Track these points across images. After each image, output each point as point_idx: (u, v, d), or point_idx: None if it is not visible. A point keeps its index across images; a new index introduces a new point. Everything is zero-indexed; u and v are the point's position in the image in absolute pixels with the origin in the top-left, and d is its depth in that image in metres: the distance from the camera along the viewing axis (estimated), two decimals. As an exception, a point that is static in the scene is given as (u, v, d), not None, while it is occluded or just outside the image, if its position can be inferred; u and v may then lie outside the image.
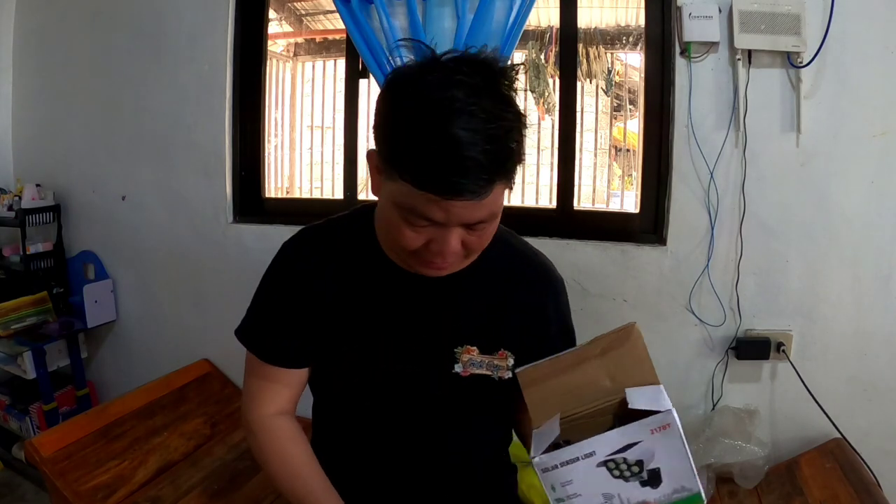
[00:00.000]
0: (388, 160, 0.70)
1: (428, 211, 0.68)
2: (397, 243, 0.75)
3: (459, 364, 0.86)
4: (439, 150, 0.64)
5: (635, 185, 1.90)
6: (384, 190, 0.74)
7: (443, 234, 0.71)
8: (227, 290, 1.96)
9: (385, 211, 0.75)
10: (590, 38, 2.12)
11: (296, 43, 2.72)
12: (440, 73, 0.67)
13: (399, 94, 0.70)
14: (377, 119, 0.73)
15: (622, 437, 0.63)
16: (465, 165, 0.64)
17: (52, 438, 1.45)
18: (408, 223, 0.71)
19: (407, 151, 0.66)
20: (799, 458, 1.46)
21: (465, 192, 0.65)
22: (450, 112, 0.64)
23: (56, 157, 2.21)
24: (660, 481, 0.64)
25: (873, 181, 1.43)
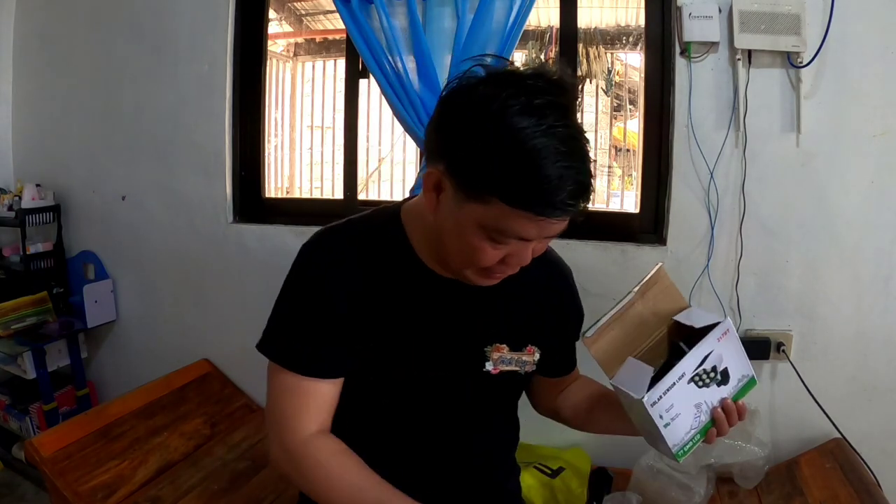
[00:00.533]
0: (478, 185, 0.69)
1: (523, 231, 0.70)
2: (470, 262, 0.76)
3: (490, 362, 0.88)
4: (551, 177, 0.65)
5: (635, 185, 1.91)
6: (456, 211, 0.73)
7: (523, 249, 0.74)
8: (227, 290, 1.97)
9: (459, 232, 0.74)
10: (590, 38, 2.12)
11: (296, 43, 2.73)
12: (524, 95, 0.67)
13: (486, 119, 0.68)
14: (450, 142, 0.72)
15: (700, 351, 0.76)
16: (575, 188, 0.67)
17: (52, 438, 1.45)
18: (492, 241, 0.72)
19: (512, 179, 0.66)
20: (799, 458, 1.46)
21: (568, 212, 0.69)
22: (552, 138, 0.66)
23: (56, 157, 2.21)
24: (728, 378, 0.79)
25: (873, 181, 1.43)
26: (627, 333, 0.81)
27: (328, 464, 0.81)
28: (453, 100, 0.73)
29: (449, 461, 0.91)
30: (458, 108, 0.72)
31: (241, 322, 1.96)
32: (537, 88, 0.68)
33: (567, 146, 0.66)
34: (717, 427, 0.78)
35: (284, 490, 1.48)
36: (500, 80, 0.70)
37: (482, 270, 0.77)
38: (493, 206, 0.68)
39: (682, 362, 0.75)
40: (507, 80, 0.69)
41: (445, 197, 0.74)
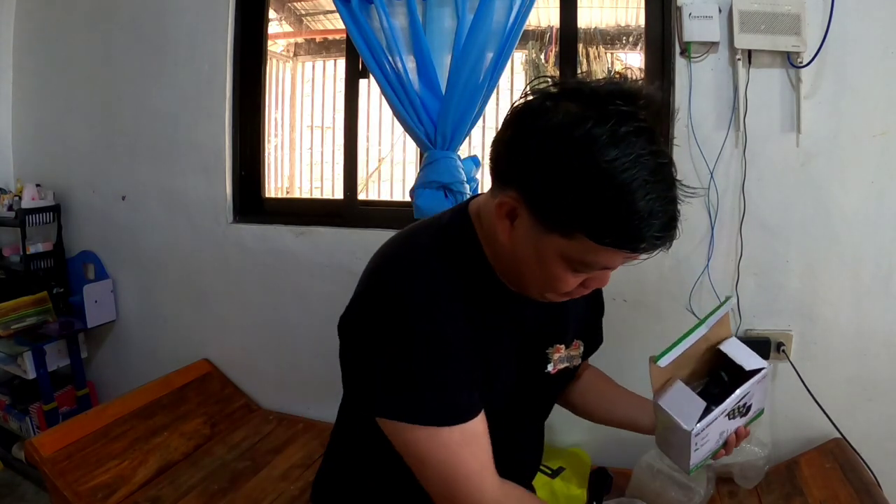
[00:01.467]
0: (561, 220, 0.65)
1: (610, 262, 0.70)
2: (552, 289, 0.75)
3: (551, 364, 0.90)
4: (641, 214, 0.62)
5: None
6: (536, 242, 0.69)
7: (604, 275, 0.75)
8: (227, 290, 1.97)
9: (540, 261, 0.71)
10: (590, 38, 2.12)
11: (296, 43, 2.73)
12: (609, 122, 0.62)
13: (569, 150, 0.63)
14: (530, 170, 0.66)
15: (741, 393, 0.83)
16: (665, 222, 0.64)
17: (52, 438, 1.45)
18: (575, 272, 0.71)
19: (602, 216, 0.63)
20: (799, 458, 1.46)
21: (660, 244, 0.67)
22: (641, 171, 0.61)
23: (56, 157, 2.21)
24: (749, 411, 0.87)
25: (873, 181, 1.43)
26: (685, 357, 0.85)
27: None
28: (526, 121, 0.67)
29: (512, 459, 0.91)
30: (533, 133, 0.66)
31: (241, 322, 1.96)
32: (622, 114, 0.63)
33: (655, 176, 0.62)
34: (726, 449, 0.86)
35: (284, 490, 1.48)
36: (579, 101, 0.64)
37: (562, 294, 0.76)
38: (579, 241, 0.65)
39: (728, 400, 0.82)
40: (587, 103, 0.64)
41: (522, 225, 0.70)
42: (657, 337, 1.58)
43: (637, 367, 1.62)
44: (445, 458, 0.74)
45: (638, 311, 1.60)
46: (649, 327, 1.59)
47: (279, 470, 1.57)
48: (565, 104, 0.65)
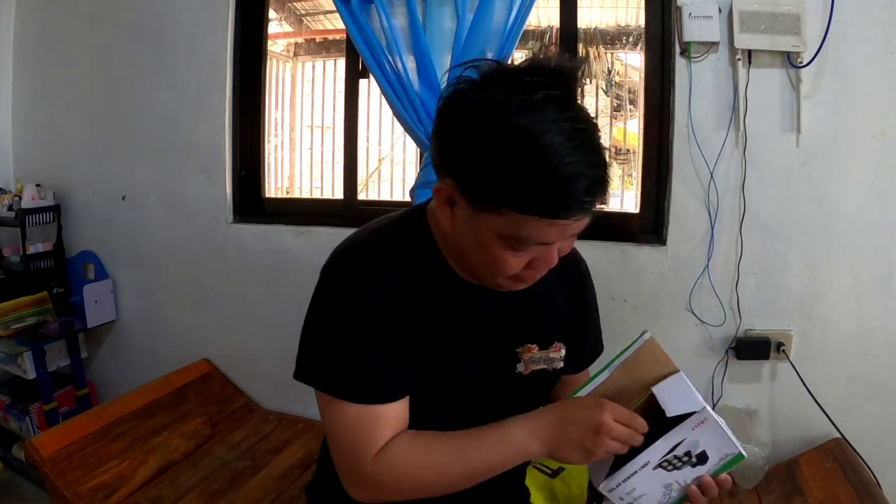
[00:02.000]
0: (489, 196, 0.66)
1: (544, 235, 0.67)
2: (494, 271, 0.73)
3: (521, 363, 0.88)
4: (559, 178, 0.62)
5: (635, 185, 1.90)
6: (472, 223, 0.70)
7: (549, 252, 0.71)
8: (227, 290, 1.97)
9: (479, 244, 0.71)
10: (590, 38, 2.12)
11: (296, 43, 2.73)
12: (521, 93, 0.63)
13: (485, 126, 0.64)
14: (455, 151, 0.68)
15: (667, 443, 0.71)
16: (587, 185, 0.63)
17: (52, 438, 1.45)
18: (514, 250, 0.70)
19: (520, 186, 0.63)
20: (799, 458, 1.46)
21: (587, 211, 0.66)
22: (554, 135, 0.62)
23: (56, 157, 2.21)
24: (707, 458, 0.72)
25: (873, 181, 1.43)
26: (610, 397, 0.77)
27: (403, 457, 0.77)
28: (449, 108, 0.70)
29: None
30: (454, 118, 0.69)
31: (241, 322, 1.96)
32: (534, 84, 0.64)
33: (573, 140, 0.62)
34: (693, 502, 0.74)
35: (284, 490, 1.48)
36: (495, 80, 0.66)
37: (511, 278, 0.75)
38: (508, 215, 0.65)
39: (644, 453, 0.71)
40: (501, 80, 0.66)
41: (459, 210, 0.71)
42: (657, 337, 1.59)
43: (637, 367, 1.63)
44: (343, 429, 0.78)
45: (638, 311, 1.60)
46: (649, 327, 1.59)
47: (279, 470, 1.57)
48: (482, 86, 0.67)
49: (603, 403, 0.74)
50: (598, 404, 0.74)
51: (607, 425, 0.71)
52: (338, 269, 0.79)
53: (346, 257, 0.80)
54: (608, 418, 0.72)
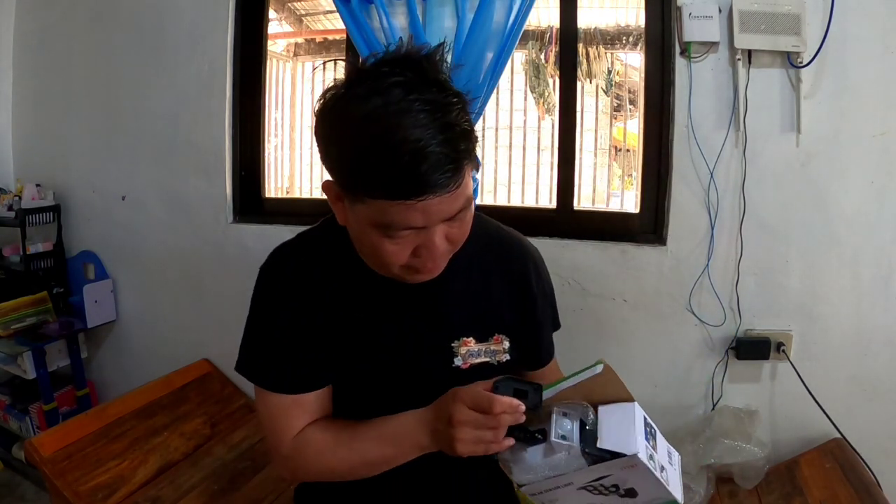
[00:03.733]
0: (350, 186, 0.68)
1: (407, 219, 0.66)
2: (384, 262, 0.73)
3: (459, 357, 0.87)
4: (399, 156, 0.62)
5: (635, 185, 1.90)
6: (353, 216, 0.72)
7: (428, 238, 0.70)
8: (227, 290, 1.96)
9: (361, 235, 0.73)
10: (590, 38, 2.11)
11: (296, 43, 2.72)
12: (367, 82, 0.65)
13: (337, 118, 0.67)
14: (323, 150, 0.71)
15: (593, 473, 0.67)
16: (430, 162, 0.62)
17: (52, 438, 1.45)
18: (390, 238, 0.69)
19: (367, 170, 0.64)
20: (799, 458, 1.46)
21: (437, 188, 0.64)
22: (394, 116, 0.62)
23: (56, 157, 2.21)
24: (637, 494, 0.68)
25: (873, 181, 1.43)
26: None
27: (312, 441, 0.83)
28: (316, 111, 0.71)
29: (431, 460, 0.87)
30: (317, 117, 0.71)
31: (241, 322, 1.95)
32: (383, 73, 0.65)
33: (418, 119, 0.62)
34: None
35: (284, 490, 1.48)
36: (349, 78, 0.68)
37: (406, 268, 0.74)
38: (371, 203, 0.66)
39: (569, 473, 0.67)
40: (353, 77, 0.67)
41: (346, 205, 0.73)
42: (657, 337, 1.60)
43: (637, 366, 1.63)
44: (265, 412, 0.86)
45: (638, 311, 1.60)
46: (649, 327, 1.59)
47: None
48: (336, 86, 0.69)
49: (456, 392, 0.72)
50: (452, 394, 0.72)
51: (458, 417, 0.69)
52: (263, 268, 0.87)
53: (273, 259, 0.87)
54: (459, 409, 0.69)
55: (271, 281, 0.85)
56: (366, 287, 0.84)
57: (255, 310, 0.87)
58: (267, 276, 0.86)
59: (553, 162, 1.80)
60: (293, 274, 0.84)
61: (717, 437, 1.42)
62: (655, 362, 1.60)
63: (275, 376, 0.84)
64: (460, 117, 0.66)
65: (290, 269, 0.85)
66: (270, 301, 0.85)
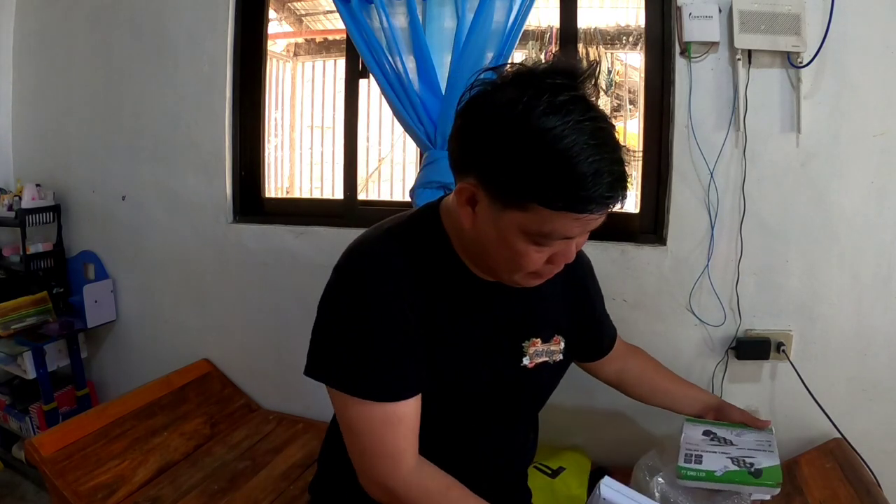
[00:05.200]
0: (514, 193, 0.69)
1: (566, 230, 0.70)
2: (517, 267, 0.75)
3: (527, 357, 0.90)
4: (586, 175, 0.65)
5: (635, 185, 1.90)
6: (496, 221, 0.72)
7: (567, 246, 0.74)
8: (227, 290, 1.97)
9: (502, 241, 0.73)
10: (590, 38, 2.12)
11: (296, 43, 2.73)
12: (546, 94, 0.66)
13: (512, 125, 0.67)
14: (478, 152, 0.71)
15: None
16: (611, 180, 0.67)
17: (52, 438, 1.45)
18: (537, 246, 0.72)
19: (546, 182, 0.66)
20: (799, 458, 1.46)
21: (609, 205, 0.69)
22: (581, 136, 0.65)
23: (56, 157, 2.21)
24: None
25: (873, 181, 1.43)
26: None
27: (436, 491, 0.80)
28: (473, 109, 0.72)
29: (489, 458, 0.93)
30: (480, 118, 0.71)
31: (241, 322, 1.96)
32: (556, 86, 0.67)
33: (596, 139, 0.66)
34: None
35: (285, 490, 1.48)
36: (518, 82, 0.69)
37: (531, 274, 0.77)
38: (533, 211, 0.68)
39: None
40: (524, 82, 0.69)
41: (482, 209, 0.74)
42: (657, 337, 1.59)
43: (637, 367, 1.62)
44: (367, 430, 0.78)
45: (638, 311, 1.60)
46: (649, 327, 1.59)
47: (279, 470, 1.57)
48: (505, 88, 0.70)
49: None
50: None
51: None
52: (352, 267, 0.80)
53: (360, 255, 0.82)
54: None
55: (365, 276, 0.78)
56: (458, 285, 0.84)
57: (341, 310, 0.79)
58: (353, 274, 0.80)
59: (553, 162, 1.80)
60: (388, 269, 0.79)
61: (717, 437, 1.42)
62: (655, 362, 1.60)
63: (375, 383, 0.77)
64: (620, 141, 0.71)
65: (381, 264, 0.79)
66: (366, 298, 0.77)
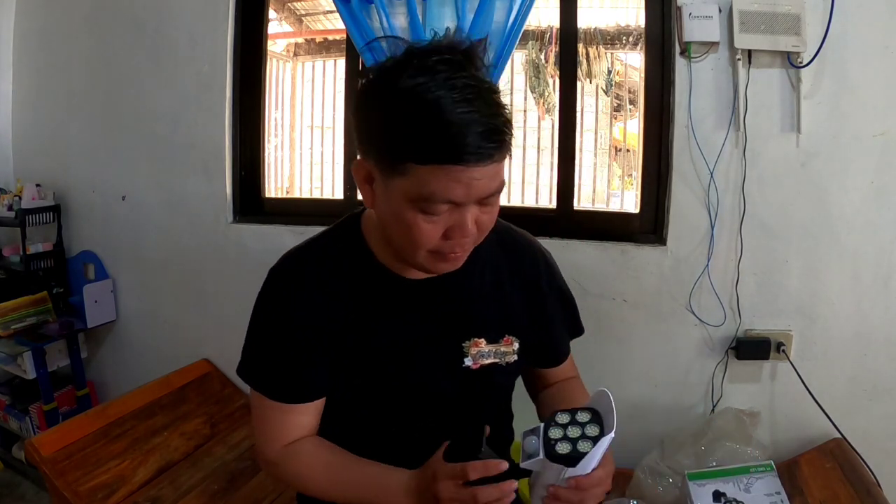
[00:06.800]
0: (394, 153, 0.69)
1: (447, 191, 0.68)
2: (414, 243, 0.74)
3: (469, 358, 0.87)
4: (450, 122, 0.65)
5: (635, 185, 1.91)
6: (387, 194, 0.73)
7: (461, 216, 0.71)
8: (227, 290, 1.96)
9: (394, 214, 0.73)
10: (590, 38, 2.12)
11: (296, 43, 2.72)
12: (418, 60, 0.68)
13: (383, 90, 0.69)
14: (363, 124, 0.73)
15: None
16: (480, 129, 0.66)
17: (52, 438, 1.45)
18: (425, 215, 0.70)
19: (416, 134, 0.66)
20: (799, 458, 1.46)
21: (483, 157, 0.67)
22: (445, 88, 0.65)
23: (56, 157, 2.20)
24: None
25: (873, 181, 1.43)
26: None
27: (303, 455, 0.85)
28: (359, 90, 0.75)
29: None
30: (361, 95, 0.74)
31: (240, 322, 1.94)
32: (428, 50, 0.68)
33: (466, 94, 0.66)
34: None
35: (284, 490, 1.48)
36: (398, 59, 0.70)
37: (434, 254, 0.75)
38: (412, 173, 0.68)
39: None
40: (403, 57, 0.70)
41: (378, 185, 0.74)
42: (657, 337, 1.60)
43: (637, 366, 1.63)
44: (259, 414, 0.87)
45: (638, 311, 1.60)
46: (649, 327, 1.59)
47: (279, 470, 1.57)
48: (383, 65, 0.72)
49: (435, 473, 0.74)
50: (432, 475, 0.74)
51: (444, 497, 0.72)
52: (270, 275, 0.86)
53: (279, 265, 0.87)
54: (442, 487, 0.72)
55: (279, 284, 0.85)
56: (382, 288, 0.84)
57: (260, 312, 0.87)
58: (274, 279, 0.86)
59: (553, 162, 1.81)
60: (295, 280, 0.84)
61: (718, 439, 1.42)
62: (655, 362, 1.61)
63: (275, 384, 0.85)
64: (501, 100, 0.70)
65: (293, 274, 0.85)
66: (276, 305, 0.84)
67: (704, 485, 1.14)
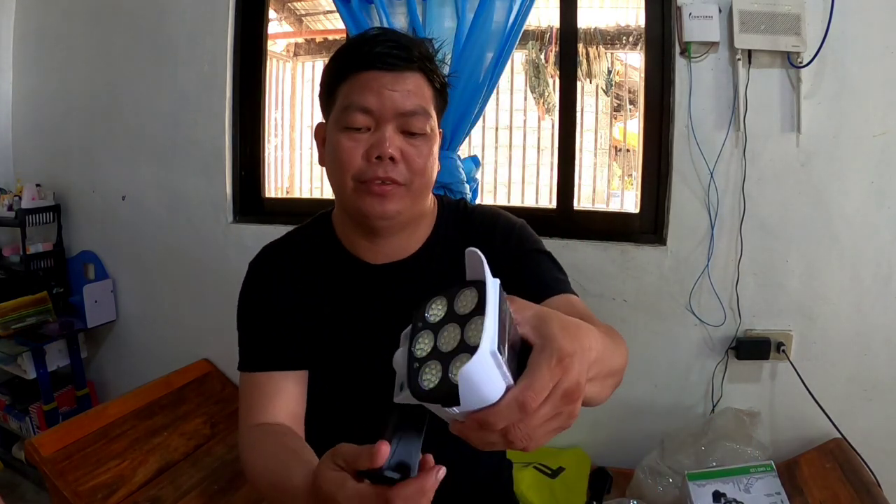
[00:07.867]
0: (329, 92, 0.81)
1: (362, 98, 0.76)
2: (341, 169, 0.78)
3: None
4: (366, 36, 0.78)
5: (635, 185, 1.90)
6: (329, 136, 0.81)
7: (377, 136, 0.77)
8: (227, 290, 1.95)
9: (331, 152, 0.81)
10: (590, 38, 2.11)
11: (296, 43, 2.72)
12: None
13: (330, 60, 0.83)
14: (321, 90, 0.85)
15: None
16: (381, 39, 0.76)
17: (52, 438, 1.45)
18: (347, 132, 0.77)
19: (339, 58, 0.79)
20: (799, 458, 1.46)
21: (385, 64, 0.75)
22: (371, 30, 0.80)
23: (56, 157, 2.20)
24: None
25: (873, 181, 1.43)
26: None
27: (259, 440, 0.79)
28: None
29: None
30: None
31: (241, 322, 1.96)
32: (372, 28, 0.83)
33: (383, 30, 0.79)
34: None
35: (284, 490, 1.48)
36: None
37: (361, 186, 0.78)
38: (339, 96, 0.79)
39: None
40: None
41: (328, 139, 0.82)
42: (657, 337, 1.60)
43: (637, 366, 1.63)
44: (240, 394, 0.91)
45: (638, 311, 1.60)
46: (649, 327, 1.59)
47: (279, 470, 1.57)
48: None
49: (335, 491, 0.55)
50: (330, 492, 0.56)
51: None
52: (250, 265, 0.96)
53: (257, 257, 0.96)
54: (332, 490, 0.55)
55: (252, 273, 0.94)
56: (349, 274, 0.88)
57: (243, 299, 0.95)
58: (250, 270, 0.95)
59: (553, 162, 1.80)
60: (272, 266, 0.92)
61: (718, 439, 1.42)
62: (655, 362, 1.60)
63: (252, 353, 0.90)
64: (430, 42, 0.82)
65: (271, 261, 0.93)
66: (250, 292, 0.93)
67: (704, 485, 1.14)
